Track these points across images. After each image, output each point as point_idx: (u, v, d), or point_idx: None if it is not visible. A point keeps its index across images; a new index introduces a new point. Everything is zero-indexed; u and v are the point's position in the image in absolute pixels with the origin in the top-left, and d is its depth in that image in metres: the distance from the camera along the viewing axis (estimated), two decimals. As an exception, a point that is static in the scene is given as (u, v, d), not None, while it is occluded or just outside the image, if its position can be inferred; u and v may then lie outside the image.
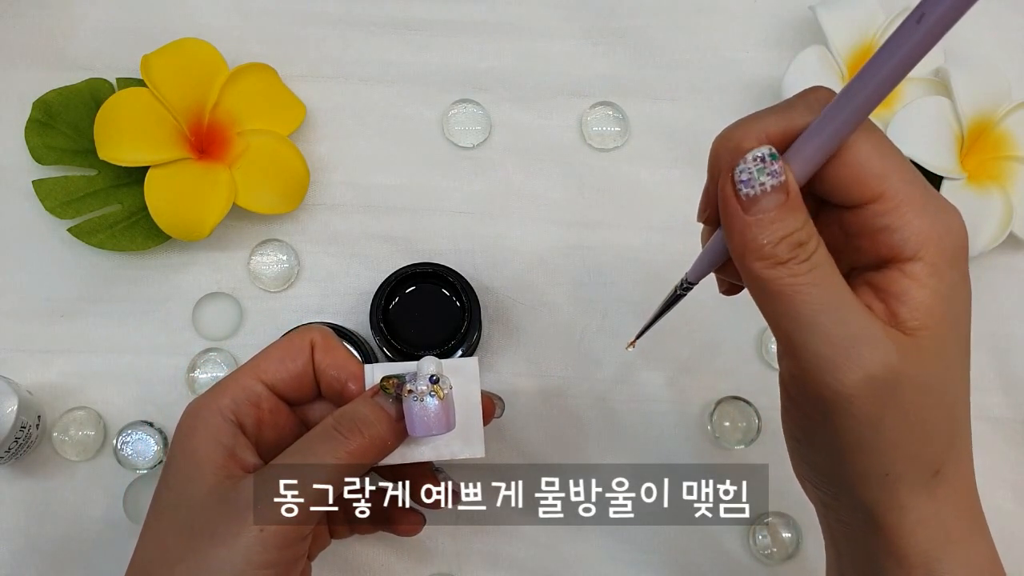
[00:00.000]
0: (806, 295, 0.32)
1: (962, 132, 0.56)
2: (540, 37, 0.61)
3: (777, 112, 0.33)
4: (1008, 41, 0.62)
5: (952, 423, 0.34)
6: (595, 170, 0.59)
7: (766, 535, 0.54)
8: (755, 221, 0.32)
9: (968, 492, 0.36)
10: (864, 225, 0.33)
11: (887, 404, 0.32)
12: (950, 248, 0.32)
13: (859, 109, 0.31)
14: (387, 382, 0.41)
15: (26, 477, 0.54)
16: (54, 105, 0.57)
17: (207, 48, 0.57)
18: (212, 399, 0.41)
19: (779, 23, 0.62)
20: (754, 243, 0.32)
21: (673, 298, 0.41)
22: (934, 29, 0.27)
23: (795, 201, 0.32)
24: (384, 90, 0.60)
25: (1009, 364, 0.57)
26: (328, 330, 0.44)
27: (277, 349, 0.43)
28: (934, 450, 0.34)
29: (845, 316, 0.32)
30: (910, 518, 0.34)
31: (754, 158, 0.32)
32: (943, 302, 0.32)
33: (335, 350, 0.43)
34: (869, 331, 0.32)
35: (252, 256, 0.57)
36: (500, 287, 0.57)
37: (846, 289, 0.32)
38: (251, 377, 0.42)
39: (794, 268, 0.32)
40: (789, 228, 0.32)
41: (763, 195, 0.32)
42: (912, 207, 0.32)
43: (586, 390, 0.56)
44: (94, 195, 0.56)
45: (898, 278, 0.32)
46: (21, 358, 0.56)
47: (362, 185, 0.59)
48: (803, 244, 0.32)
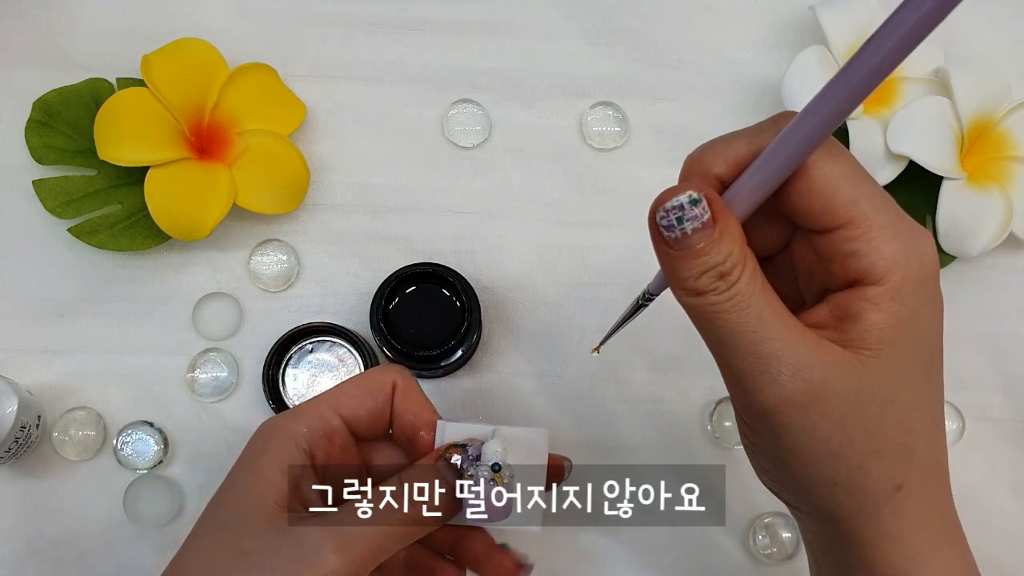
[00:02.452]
0: (723, 320, 0.34)
1: (962, 132, 0.56)
2: (540, 37, 0.61)
3: (747, 135, 0.34)
4: (1008, 41, 0.62)
5: (908, 439, 0.35)
6: (595, 170, 0.59)
7: (766, 535, 0.54)
8: (678, 256, 0.34)
9: (939, 507, 0.37)
10: (834, 249, 0.34)
11: (816, 415, 0.33)
12: (915, 274, 0.33)
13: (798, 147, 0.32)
14: (451, 451, 0.41)
15: (26, 477, 0.54)
16: (54, 105, 0.57)
17: (207, 48, 0.57)
18: (289, 422, 0.41)
19: (779, 23, 0.62)
20: (677, 276, 0.34)
21: (636, 308, 0.42)
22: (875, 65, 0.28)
23: (725, 234, 0.33)
24: (384, 90, 0.60)
25: (1009, 364, 0.57)
26: (409, 373, 0.44)
27: (358, 385, 0.43)
28: (887, 465, 0.35)
29: (765, 336, 0.33)
30: (874, 531, 0.35)
31: (672, 207, 0.33)
32: (900, 325, 0.33)
33: (415, 395, 0.43)
34: (790, 350, 0.33)
35: (252, 256, 0.57)
36: (500, 287, 0.57)
37: (771, 310, 0.34)
38: (330, 408, 0.42)
39: (712, 298, 0.33)
40: (712, 262, 0.33)
41: (685, 236, 0.33)
42: (881, 233, 0.33)
43: (586, 390, 0.56)
44: (94, 195, 0.56)
45: (857, 300, 0.33)
46: (21, 358, 0.56)
47: (362, 185, 0.59)
48: (726, 275, 0.33)
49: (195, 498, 0.54)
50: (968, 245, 0.55)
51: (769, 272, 0.35)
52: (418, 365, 0.53)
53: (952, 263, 0.57)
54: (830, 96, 0.30)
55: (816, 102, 0.30)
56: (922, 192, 0.56)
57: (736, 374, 0.34)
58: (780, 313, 0.34)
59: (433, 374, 0.55)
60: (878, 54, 0.28)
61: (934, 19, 0.27)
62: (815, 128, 0.31)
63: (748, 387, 0.34)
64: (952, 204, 0.55)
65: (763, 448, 0.36)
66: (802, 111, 0.31)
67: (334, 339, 0.55)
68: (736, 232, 0.34)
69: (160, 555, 0.54)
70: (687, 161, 0.36)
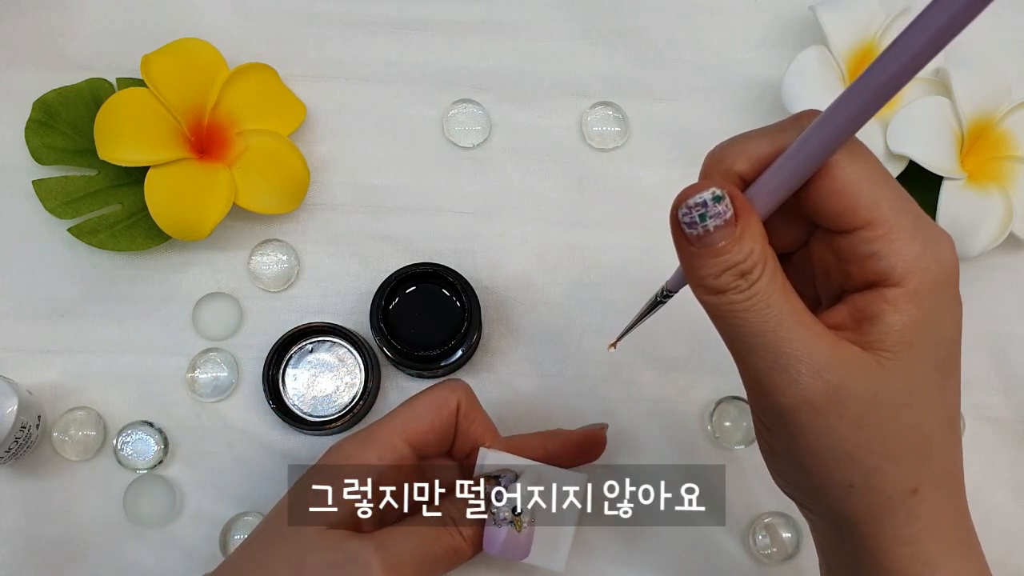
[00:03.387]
0: (742, 320, 0.33)
1: (962, 132, 0.56)
2: (540, 37, 0.61)
3: (769, 134, 0.34)
4: (1008, 41, 0.62)
5: (924, 443, 0.35)
6: (595, 170, 0.59)
7: (766, 535, 0.54)
8: (699, 254, 0.33)
9: (954, 512, 0.36)
10: (853, 250, 0.33)
11: (834, 417, 0.33)
12: (935, 276, 0.33)
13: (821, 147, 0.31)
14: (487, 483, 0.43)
15: (26, 477, 0.54)
16: (54, 105, 0.57)
17: (207, 48, 0.57)
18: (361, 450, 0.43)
19: (779, 23, 0.62)
20: (697, 274, 0.34)
21: (653, 305, 0.42)
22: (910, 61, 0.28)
23: (746, 231, 0.33)
24: (384, 90, 0.60)
25: (1009, 364, 0.57)
26: (472, 391, 0.45)
27: (427, 409, 0.44)
28: (903, 468, 0.34)
29: (785, 336, 0.33)
30: (888, 535, 0.35)
31: (695, 203, 0.33)
32: (918, 328, 0.33)
33: (479, 416, 0.45)
34: (809, 350, 0.33)
35: (252, 256, 0.57)
36: (500, 287, 0.57)
37: (791, 310, 0.33)
38: (400, 437, 0.43)
39: (732, 297, 0.33)
40: (733, 260, 0.33)
41: (707, 233, 0.33)
42: (901, 235, 0.33)
43: (586, 390, 0.56)
44: (94, 195, 0.56)
45: (876, 301, 0.33)
46: (21, 358, 0.56)
47: (362, 185, 0.59)
48: (746, 274, 0.33)
49: (195, 498, 0.54)
50: (968, 245, 0.55)
51: (787, 270, 0.35)
52: (418, 365, 0.53)
53: (952, 263, 0.57)
54: (856, 96, 0.29)
55: (841, 101, 0.30)
56: (922, 192, 0.56)
57: (754, 373, 0.34)
58: (800, 313, 0.34)
59: (433, 374, 0.55)
60: (905, 53, 0.27)
61: (964, 18, 0.26)
62: (839, 128, 0.31)
63: (766, 387, 0.34)
64: (952, 204, 0.55)
65: (780, 449, 0.36)
66: (826, 110, 0.31)
67: (334, 339, 0.55)
68: (757, 230, 0.33)
69: (160, 555, 0.54)
70: (708, 158, 0.35)
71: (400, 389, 0.56)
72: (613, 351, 0.46)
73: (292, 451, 0.55)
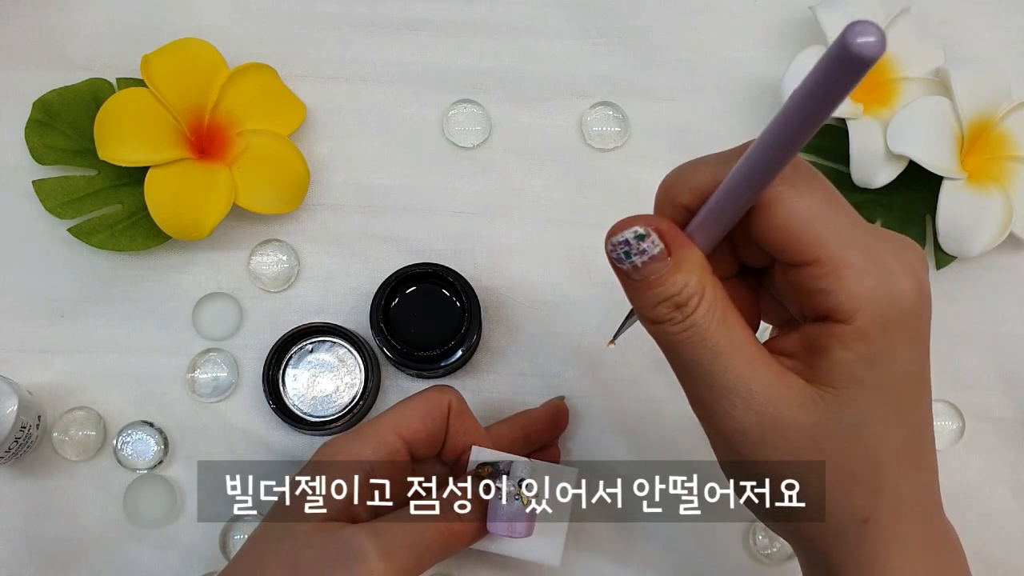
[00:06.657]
0: (681, 351, 0.34)
1: (962, 132, 0.56)
2: (540, 37, 0.61)
3: (713, 164, 0.34)
4: (1008, 41, 0.62)
5: (874, 473, 0.34)
6: (595, 170, 0.59)
7: (766, 535, 0.54)
8: (634, 284, 0.34)
9: (918, 540, 0.36)
10: (802, 284, 0.33)
11: (771, 448, 0.34)
12: (884, 313, 0.32)
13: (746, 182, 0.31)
14: (482, 469, 0.43)
15: (26, 477, 0.54)
16: (54, 105, 0.57)
17: (207, 48, 0.57)
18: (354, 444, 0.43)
19: (779, 23, 0.62)
20: (635, 303, 0.35)
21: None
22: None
23: (682, 265, 0.33)
24: (384, 90, 0.60)
25: (1009, 364, 0.57)
26: (461, 395, 0.46)
27: (419, 407, 0.45)
28: (851, 498, 0.35)
29: (721, 368, 0.33)
30: (844, 558, 0.35)
31: (618, 242, 0.34)
32: (867, 365, 0.33)
33: (468, 418, 0.46)
34: (746, 383, 0.33)
35: (252, 256, 0.57)
36: (500, 287, 0.57)
37: (730, 342, 0.34)
38: (394, 432, 0.44)
39: (668, 328, 0.34)
40: (667, 293, 0.33)
41: (635, 268, 0.34)
42: (849, 272, 0.32)
43: (586, 390, 0.56)
44: (94, 195, 0.56)
45: (825, 336, 0.33)
46: (21, 358, 0.56)
47: (362, 185, 0.59)
48: (681, 306, 0.33)
49: (195, 498, 0.54)
50: (968, 245, 0.55)
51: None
52: (418, 365, 0.53)
53: (952, 263, 0.57)
54: (777, 128, 0.29)
55: (765, 133, 0.29)
56: (922, 192, 0.56)
57: (694, 400, 0.35)
58: (742, 344, 0.34)
59: (433, 374, 0.55)
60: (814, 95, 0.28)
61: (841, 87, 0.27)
62: (763, 162, 0.30)
63: (704, 414, 0.35)
64: (952, 204, 0.55)
65: (730, 472, 0.37)
66: (754, 142, 0.30)
67: (334, 339, 0.55)
68: (694, 263, 0.34)
69: (160, 555, 0.54)
70: (659, 188, 0.36)
71: (400, 389, 0.56)
72: (612, 347, 0.47)
73: (292, 451, 0.55)
